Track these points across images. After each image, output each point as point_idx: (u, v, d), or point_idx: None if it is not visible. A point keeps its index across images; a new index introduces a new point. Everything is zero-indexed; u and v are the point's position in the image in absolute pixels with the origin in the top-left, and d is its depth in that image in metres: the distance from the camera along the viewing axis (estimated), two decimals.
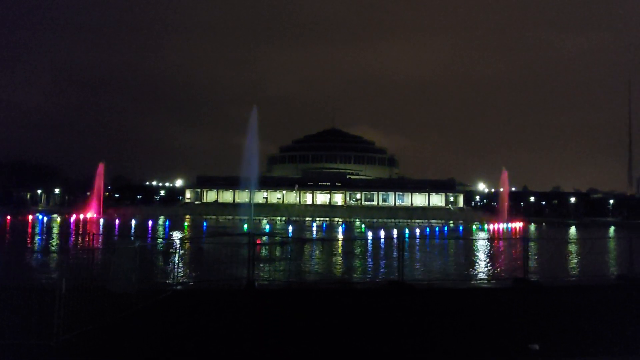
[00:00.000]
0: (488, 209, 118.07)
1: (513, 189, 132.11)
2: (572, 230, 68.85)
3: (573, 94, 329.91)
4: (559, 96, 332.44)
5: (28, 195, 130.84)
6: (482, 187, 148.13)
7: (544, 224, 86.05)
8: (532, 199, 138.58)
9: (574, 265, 27.50)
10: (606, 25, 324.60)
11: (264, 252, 28.15)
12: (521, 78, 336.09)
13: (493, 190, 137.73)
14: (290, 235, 46.66)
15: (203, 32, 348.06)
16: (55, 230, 49.63)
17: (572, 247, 35.52)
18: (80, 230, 50.03)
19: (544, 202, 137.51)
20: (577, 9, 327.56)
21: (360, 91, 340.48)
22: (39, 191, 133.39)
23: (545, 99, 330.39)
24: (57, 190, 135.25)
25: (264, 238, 36.93)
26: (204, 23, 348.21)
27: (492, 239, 48.16)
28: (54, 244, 34.66)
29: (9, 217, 63.50)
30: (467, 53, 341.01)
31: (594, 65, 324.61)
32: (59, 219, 66.98)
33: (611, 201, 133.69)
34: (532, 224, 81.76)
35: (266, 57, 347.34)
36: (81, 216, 72.24)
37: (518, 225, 74.28)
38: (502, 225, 72.13)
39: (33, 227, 52.97)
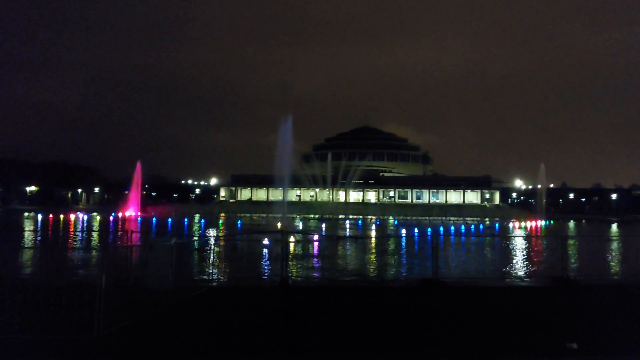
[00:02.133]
0: (525, 206, 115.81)
1: (551, 185, 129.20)
2: (614, 227, 66.84)
3: (612, 87, 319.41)
4: (598, 90, 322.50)
5: (69, 194, 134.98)
6: (519, 183, 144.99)
7: (584, 221, 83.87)
8: (571, 195, 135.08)
9: (615, 263, 26.71)
10: (637, 18, 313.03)
11: (297, 249, 28.31)
12: (556, 72, 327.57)
13: (530, 187, 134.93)
14: (323, 232, 46.77)
15: (232, 34, 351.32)
16: (96, 228, 51.06)
17: (614, 245, 34.51)
18: (119, 228, 51.31)
19: (583, 199, 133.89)
20: (607, 3, 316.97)
21: (388, 89, 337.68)
22: (79, 190, 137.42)
23: (583, 93, 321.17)
24: (96, 189, 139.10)
25: (298, 236, 37.13)
26: (233, 25, 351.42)
27: (530, 236, 47.19)
28: (95, 241, 35.66)
29: (51, 215, 65.67)
30: (498, 48, 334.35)
31: (633, 58, 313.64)
32: (98, 217, 68.82)
33: None
34: (572, 221, 79.82)
35: (294, 56, 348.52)
36: (120, 214, 74.10)
37: (556, 222, 72.68)
38: (541, 223, 70.59)
39: (74, 225, 54.59)
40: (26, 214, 75.15)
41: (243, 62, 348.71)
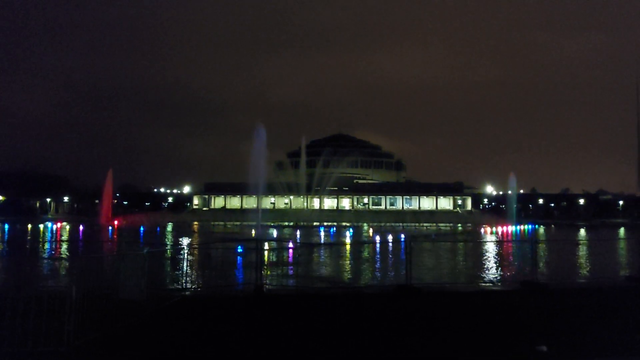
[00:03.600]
0: (496, 211, 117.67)
1: (521, 191, 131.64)
2: (582, 232, 68.46)
3: (579, 95, 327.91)
4: (565, 98, 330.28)
5: (37, 204, 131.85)
6: (490, 189, 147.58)
7: (553, 225, 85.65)
8: (540, 201, 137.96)
9: (583, 267, 27.37)
10: (605, 25, 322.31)
11: (272, 257, 28.23)
12: (525, 80, 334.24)
13: (501, 192, 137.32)
14: (298, 240, 46.72)
15: (205, 41, 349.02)
16: (65, 238, 49.99)
17: (582, 249, 35.35)
18: (89, 237, 50.33)
19: (552, 204, 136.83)
20: (573, 11, 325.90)
21: (363, 96, 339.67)
22: (48, 200, 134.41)
23: (551, 101, 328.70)
24: (65, 199, 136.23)
25: (272, 243, 37.00)
26: (206, 32, 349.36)
27: (501, 241, 47.97)
28: (64, 251, 34.92)
29: (18, 225, 64.08)
30: (469, 57, 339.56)
31: (600, 65, 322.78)
32: (68, 227, 67.41)
33: (621, 202, 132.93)
34: (541, 226, 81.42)
35: (269, 64, 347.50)
36: (90, 223, 72.70)
37: (527, 227, 74.08)
38: (511, 228, 71.82)
39: (43, 235, 53.35)
40: None
41: (216, 69, 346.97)
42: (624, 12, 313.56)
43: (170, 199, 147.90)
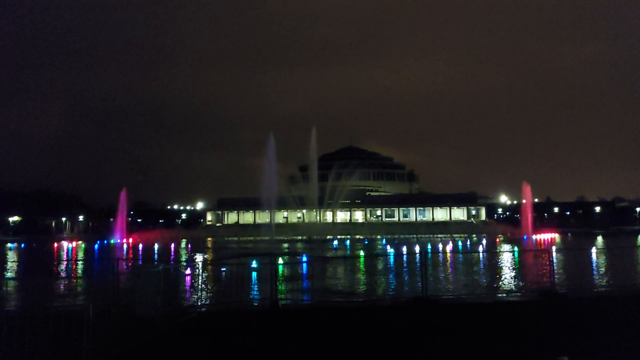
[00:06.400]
0: (511, 221, 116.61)
1: (536, 200, 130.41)
2: (599, 240, 67.53)
3: (592, 101, 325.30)
4: (578, 104, 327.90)
5: (53, 223, 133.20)
6: (504, 199, 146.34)
7: (569, 234, 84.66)
8: (556, 209, 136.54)
9: (602, 275, 26.95)
10: (614, 33, 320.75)
11: (287, 271, 28.18)
12: (535, 88, 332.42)
13: (515, 202, 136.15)
14: (312, 254, 46.59)
15: (213, 59, 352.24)
16: (81, 256, 50.33)
17: (600, 257, 34.86)
18: (105, 255, 50.63)
19: (568, 213, 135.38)
20: (586, 21, 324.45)
21: (370, 109, 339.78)
22: (63, 219, 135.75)
23: (563, 108, 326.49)
24: (80, 218, 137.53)
25: (286, 257, 36.96)
26: (214, 50, 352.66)
27: (517, 251, 47.42)
28: (80, 269, 35.13)
29: (34, 245, 64.67)
30: (475, 66, 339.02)
31: (612, 71, 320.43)
32: (83, 245, 67.90)
33: (638, 209, 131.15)
34: (558, 234, 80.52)
35: (276, 80, 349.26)
36: (105, 242, 73.18)
37: (543, 236, 73.25)
38: (527, 237, 71.08)
39: (59, 254, 53.78)
40: (9, 244, 73.85)
41: (227, 85, 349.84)
42: (623, 19, 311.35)
43: (183, 216, 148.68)
